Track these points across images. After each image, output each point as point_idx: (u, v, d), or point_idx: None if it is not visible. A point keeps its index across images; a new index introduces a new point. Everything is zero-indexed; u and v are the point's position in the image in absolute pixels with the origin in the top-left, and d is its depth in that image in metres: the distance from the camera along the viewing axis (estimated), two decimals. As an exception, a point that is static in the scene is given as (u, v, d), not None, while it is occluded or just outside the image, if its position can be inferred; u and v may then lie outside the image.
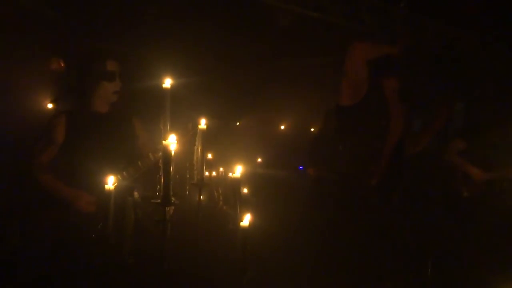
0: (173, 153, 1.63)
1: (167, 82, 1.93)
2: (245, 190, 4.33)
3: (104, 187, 1.77)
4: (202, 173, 1.90)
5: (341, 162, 2.47)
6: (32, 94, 4.33)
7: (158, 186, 2.61)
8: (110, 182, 1.69)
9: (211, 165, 3.48)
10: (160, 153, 2.33)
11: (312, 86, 5.09)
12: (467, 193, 2.82)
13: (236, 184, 2.03)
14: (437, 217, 2.79)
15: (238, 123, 5.48)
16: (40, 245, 2.28)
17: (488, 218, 2.65)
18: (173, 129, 1.83)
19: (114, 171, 2.24)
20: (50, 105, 4.25)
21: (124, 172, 2.38)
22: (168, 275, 1.76)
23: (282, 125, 5.66)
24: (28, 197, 2.44)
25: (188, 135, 2.39)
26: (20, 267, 2.23)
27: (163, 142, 1.61)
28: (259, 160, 4.27)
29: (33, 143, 2.56)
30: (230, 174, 3.76)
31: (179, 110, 2.05)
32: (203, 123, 1.94)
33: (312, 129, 5.25)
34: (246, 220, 1.81)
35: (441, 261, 2.59)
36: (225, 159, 3.84)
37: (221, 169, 3.91)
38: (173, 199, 1.57)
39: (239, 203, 2.01)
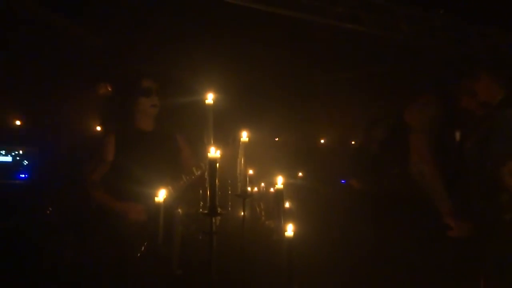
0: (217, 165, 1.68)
1: (210, 98, 2.00)
2: (287, 204, 4.32)
3: (153, 200, 1.85)
4: (246, 184, 1.93)
5: (393, 181, 2.44)
6: (84, 118, 4.62)
7: (201, 202, 2.70)
8: (161, 195, 1.76)
9: (252, 181, 3.52)
10: (204, 168, 2.42)
11: (351, 99, 5.05)
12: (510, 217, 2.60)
13: (279, 194, 2.05)
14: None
15: (277, 139, 5.50)
16: (94, 258, 2.39)
17: None
18: (216, 143, 1.89)
19: (160, 185, 2.35)
20: (98, 128, 4.50)
21: (170, 187, 2.47)
22: (216, 286, 1.79)
23: (322, 138, 5.63)
24: (83, 213, 2.58)
25: (228, 149, 2.45)
26: (75, 280, 2.34)
27: (208, 155, 1.66)
28: (300, 174, 4.26)
29: (85, 163, 2.73)
30: (271, 189, 3.77)
31: (221, 124, 2.12)
32: (244, 136, 1.98)
33: (353, 142, 5.19)
34: (290, 230, 1.82)
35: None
36: (266, 174, 3.87)
37: (263, 184, 3.94)
38: (219, 209, 1.60)
39: (282, 214, 2.01)
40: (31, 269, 2.94)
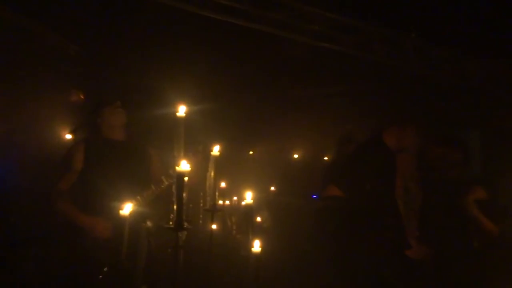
0: (186, 179, 1.66)
1: (182, 110, 1.99)
2: (258, 219, 4.32)
3: (118, 212, 1.81)
4: (215, 199, 1.92)
5: (363, 196, 2.48)
6: (53, 125, 4.50)
7: (172, 215, 2.65)
8: (126, 208, 1.72)
9: (224, 194, 3.50)
10: (173, 176, 2.40)
11: (324, 115, 5.13)
12: (478, 244, 2.68)
13: (248, 210, 2.04)
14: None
15: (251, 152, 5.52)
16: (55, 271, 2.31)
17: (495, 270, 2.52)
18: (186, 155, 1.87)
19: (129, 196, 2.31)
20: (68, 136, 4.38)
21: (139, 197, 2.42)
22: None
23: (295, 153, 5.68)
24: (47, 224, 2.50)
25: (198, 157, 2.44)
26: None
27: (176, 168, 1.65)
28: (273, 188, 4.27)
29: (52, 171, 2.66)
30: (243, 203, 3.75)
31: (192, 136, 2.11)
32: (216, 150, 1.97)
33: (326, 158, 5.26)
34: (257, 246, 1.81)
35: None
36: (239, 188, 3.86)
37: (235, 198, 3.93)
38: (186, 224, 1.58)
39: (251, 230, 2.01)
40: None
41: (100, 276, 2.06)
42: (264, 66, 4.17)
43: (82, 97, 4.33)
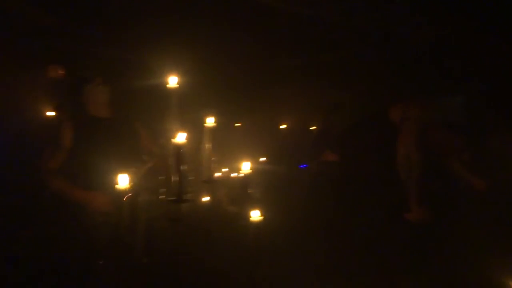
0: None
1: (173, 81, 1.95)
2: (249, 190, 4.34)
3: (114, 187, 1.79)
4: (211, 170, 1.92)
5: (358, 163, 2.55)
6: (32, 102, 4.35)
7: (165, 189, 2.67)
8: (123, 181, 1.71)
9: (214, 166, 3.51)
10: (163, 146, 2.40)
11: (311, 84, 5.11)
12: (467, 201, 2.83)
13: (245, 180, 2.06)
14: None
15: (238, 124, 5.49)
16: (54, 247, 2.29)
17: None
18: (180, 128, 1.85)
19: (121, 170, 2.29)
20: (50, 113, 4.26)
21: (133, 169, 2.41)
22: (181, 273, 1.78)
23: (282, 124, 5.68)
24: (40, 202, 2.46)
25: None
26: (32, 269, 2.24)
27: (173, 140, 1.63)
28: (263, 159, 4.28)
29: (38, 149, 2.60)
30: (232, 175, 3.77)
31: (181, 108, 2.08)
32: (210, 121, 1.96)
33: (313, 127, 5.29)
34: (256, 214, 1.84)
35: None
36: (227, 160, 3.86)
37: (224, 169, 3.93)
38: (187, 196, 1.59)
39: (248, 200, 2.03)
40: None
41: (101, 262, 2.05)
42: (250, 35, 4.08)
43: (62, 72, 4.18)
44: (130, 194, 1.76)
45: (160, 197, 2.62)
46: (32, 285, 2.17)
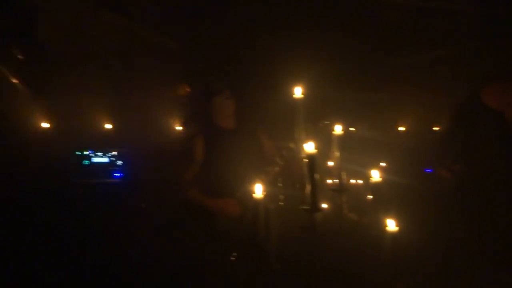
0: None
1: (298, 92, 1.99)
2: (370, 197, 4.19)
3: (244, 194, 1.89)
4: (341, 178, 1.89)
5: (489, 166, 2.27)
6: (163, 118, 4.87)
7: (280, 196, 2.70)
8: (258, 190, 1.78)
9: (333, 172, 3.46)
10: (286, 157, 2.45)
11: (433, 82, 4.74)
12: None
13: (374, 187, 1.98)
14: None
15: (352, 128, 5.34)
16: (189, 254, 2.50)
17: None
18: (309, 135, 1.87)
19: (247, 180, 2.42)
20: (179, 127, 4.70)
21: (257, 178, 2.50)
22: (315, 280, 1.78)
23: (399, 126, 5.36)
24: (176, 211, 2.71)
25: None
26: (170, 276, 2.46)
27: (306, 149, 1.65)
28: (382, 164, 4.09)
29: (175, 163, 2.86)
30: (351, 181, 3.66)
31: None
32: (338, 129, 1.94)
33: (435, 128, 4.88)
34: (391, 224, 1.75)
35: None
36: (346, 166, 3.78)
37: (343, 176, 3.85)
38: (321, 205, 1.59)
39: (382, 207, 1.95)
40: (128, 264, 3.15)
41: (232, 258, 2.18)
42: (365, 37, 3.96)
43: (188, 89, 4.59)
44: (263, 202, 1.83)
45: (280, 203, 2.68)
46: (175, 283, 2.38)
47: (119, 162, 4.36)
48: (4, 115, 3.94)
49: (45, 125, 4.50)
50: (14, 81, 3.92)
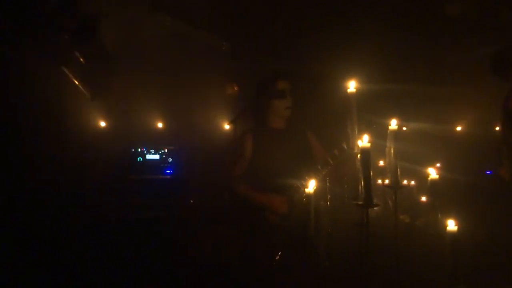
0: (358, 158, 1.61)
1: (352, 86, 1.94)
2: (423, 198, 4.01)
3: (293, 191, 1.86)
4: (397, 175, 1.83)
5: None
6: (212, 116, 4.98)
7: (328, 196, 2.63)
8: (311, 186, 1.76)
9: (383, 172, 3.35)
10: (338, 158, 2.39)
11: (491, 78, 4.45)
12: None
13: (432, 188, 1.89)
14: None
15: (404, 128, 5.14)
16: (236, 249, 2.52)
17: None
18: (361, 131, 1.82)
19: (295, 179, 2.40)
20: (227, 126, 4.78)
21: (306, 177, 2.48)
22: (365, 278, 1.73)
23: (458, 125, 5.09)
24: (227, 205, 2.74)
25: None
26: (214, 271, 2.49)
27: (359, 144, 1.61)
28: (438, 165, 3.90)
29: (225, 159, 2.90)
30: (404, 181, 3.53)
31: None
32: (393, 124, 1.87)
33: (497, 128, 4.58)
34: (451, 225, 1.66)
35: None
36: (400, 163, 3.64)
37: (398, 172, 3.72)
38: (375, 200, 1.54)
39: (431, 208, 1.86)
40: (172, 258, 3.24)
41: (277, 257, 2.17)
42: (419, 33, 3.80)
43: (236, 89, 4.65)
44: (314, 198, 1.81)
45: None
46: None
47: (170, 159, 4.51)
48: (67, 115, 4.21)
49: (102, 124, 4.75)
50: (76, 83, 4.17)
